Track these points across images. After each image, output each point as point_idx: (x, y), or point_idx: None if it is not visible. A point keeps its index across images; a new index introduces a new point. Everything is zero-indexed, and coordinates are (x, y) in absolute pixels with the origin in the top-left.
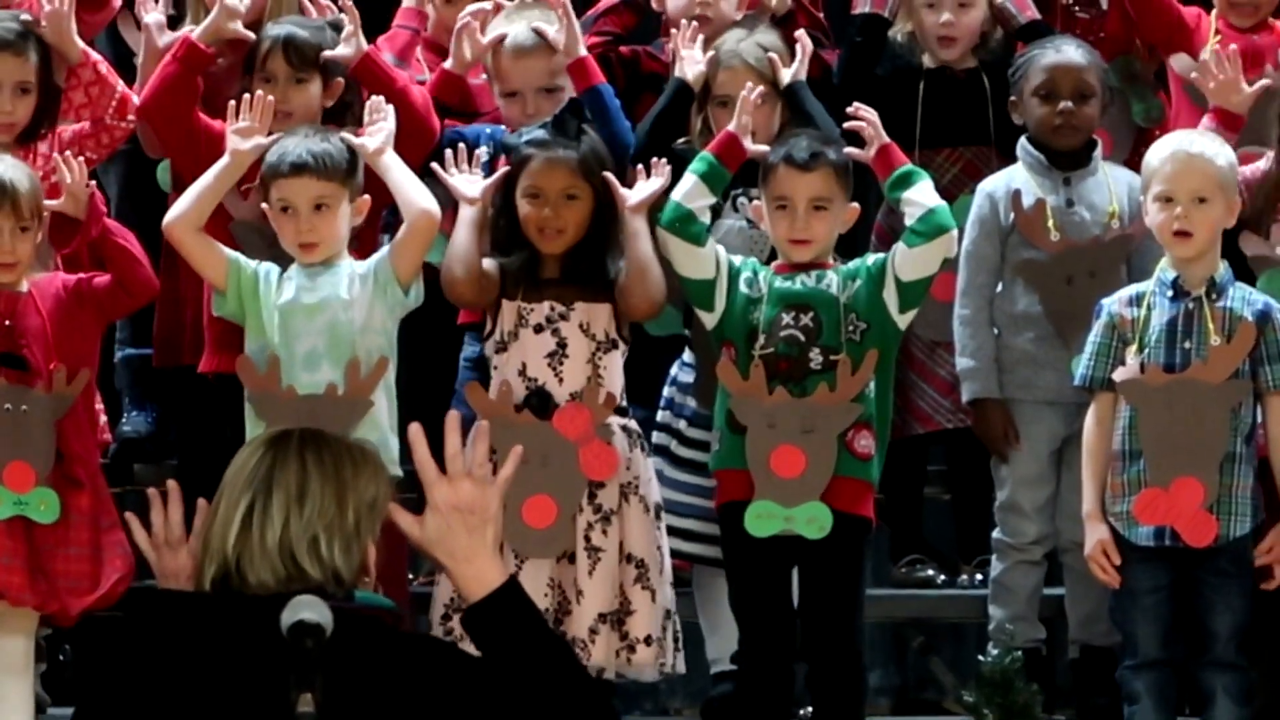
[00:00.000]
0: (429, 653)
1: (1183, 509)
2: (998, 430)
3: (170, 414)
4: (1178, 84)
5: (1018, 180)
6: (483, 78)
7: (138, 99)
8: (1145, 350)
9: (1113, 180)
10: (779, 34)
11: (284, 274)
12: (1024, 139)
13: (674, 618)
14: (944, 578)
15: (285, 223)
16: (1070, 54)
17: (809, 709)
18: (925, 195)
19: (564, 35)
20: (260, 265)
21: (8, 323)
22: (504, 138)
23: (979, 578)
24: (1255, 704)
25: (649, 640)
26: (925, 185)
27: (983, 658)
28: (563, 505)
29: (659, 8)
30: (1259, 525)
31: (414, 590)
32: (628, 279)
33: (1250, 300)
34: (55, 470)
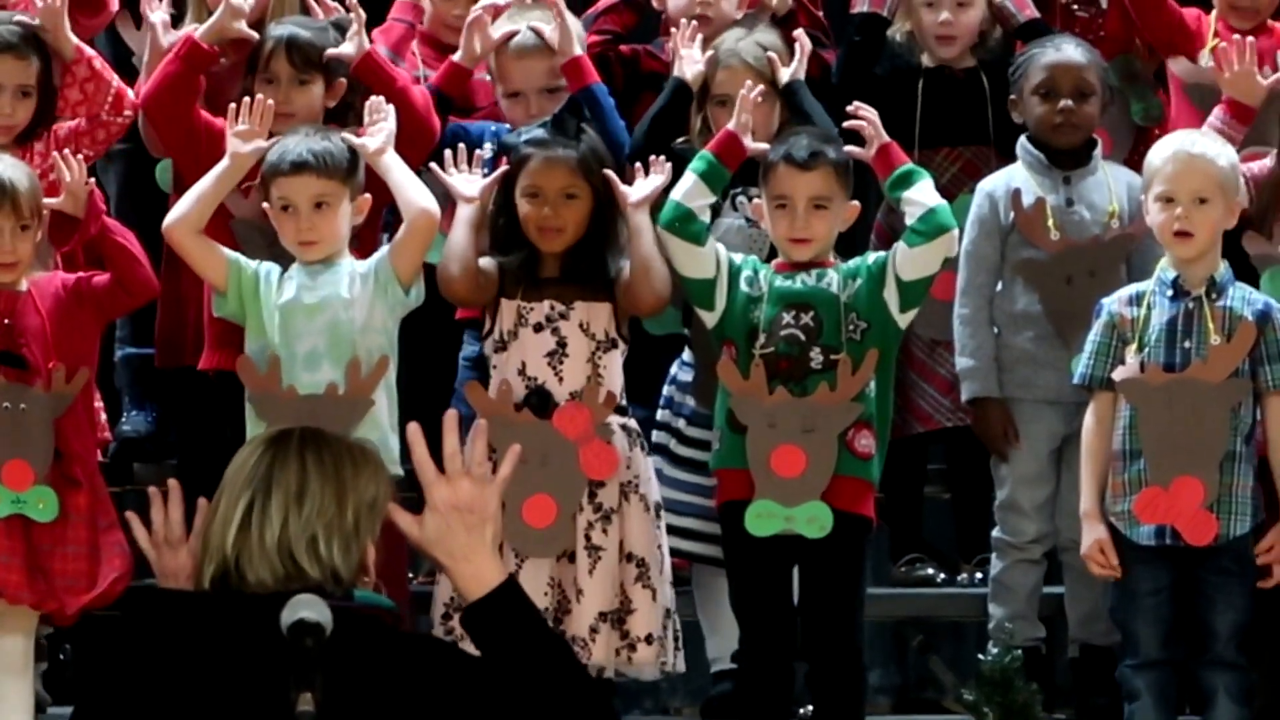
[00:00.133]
0: (429, 652)
1: (1183, 508)
2: (997, 429)
3: (170, 414)
4: (1177, 84)
5: (1017, 179)
6: (481, 74)
7: (137, 97)
8: (1145, 350)
9: (1113, 179)
10: (778, 33)
11: (284, 274)
12: (1024, 138)
13: (674, 616)
14: (944, 577)
15: (286, 221)
16: (1070, 52)
17: (809, 708)
18: (926, 194)
19: (558, 34)
20: (261, 265)
21: (7, 322)
22: (504, 137)
23: (979, 577)
24: (1256, 704)
25: (649, 639)
26: (926, 184)
27: (982, 657)
28: (563, 504)
29: (659, 6)
30: (1259, 525)
31: (414, 590)
32: (632, 276)
33: (1250, 300)
34: (54, 469)
